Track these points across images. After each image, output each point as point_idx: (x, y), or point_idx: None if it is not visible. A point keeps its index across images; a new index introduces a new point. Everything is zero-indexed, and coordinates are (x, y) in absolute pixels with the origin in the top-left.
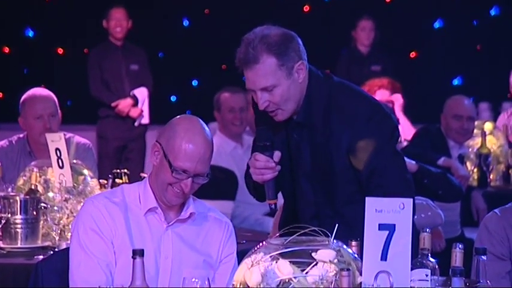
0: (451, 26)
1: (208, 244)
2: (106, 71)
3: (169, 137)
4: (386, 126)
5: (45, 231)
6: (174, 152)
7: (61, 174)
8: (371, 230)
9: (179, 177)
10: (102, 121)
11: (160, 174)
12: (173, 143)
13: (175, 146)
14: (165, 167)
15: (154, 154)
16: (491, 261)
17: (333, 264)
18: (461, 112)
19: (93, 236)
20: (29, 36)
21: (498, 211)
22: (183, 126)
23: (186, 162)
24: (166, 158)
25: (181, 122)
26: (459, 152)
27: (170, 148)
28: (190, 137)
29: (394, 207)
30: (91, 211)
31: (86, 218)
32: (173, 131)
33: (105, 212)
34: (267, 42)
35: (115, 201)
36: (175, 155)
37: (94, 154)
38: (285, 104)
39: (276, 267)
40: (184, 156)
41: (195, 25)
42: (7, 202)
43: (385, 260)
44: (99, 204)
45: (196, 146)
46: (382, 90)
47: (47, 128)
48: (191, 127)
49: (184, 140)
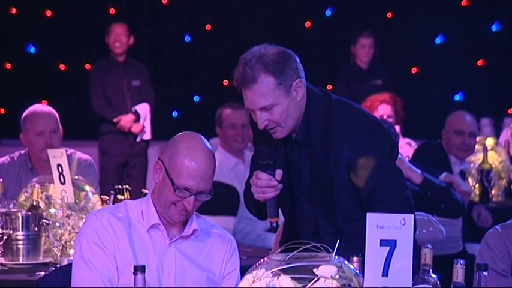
0: (453, 41)
1: (211, 260)
2: (108, 87)
3: (172, 155)
4: (385, 143)
5: (47, 247)
6: (177, 170)
7: (63, 190)
8: (372, 246)
9: (182, 195)
10: (104, 137)
11: (163, 192)
12: (176, 160)
13: (178, 164)
14: (168, 185)
15: (156, 172)
16: (492, 277)
17: (335, 280)
18: (463, 128)
19: (96, 250)
20: (30, 52)
21: (499, 227)
22: (185, 144)
23: (189, 181)
24: (168, 176)
25: (184, 139)
26: (461, 168)
27: (173, 166)
28: (193, 155)
29: (395, 223)
30: (94, 225)
31: (89, 232)
32: (176, 148)
33: (109, 226)
34: (264, 61)
35: (118, 217)
36: (177, 173)
37: (95, 170)
38: (284, 122)
39: (277, 283)
40: (187, 174)
41: (197, 41)
42: (9, 218)
43: (387, 276)
44: (102, 218)
45: (198, 163)
46: (383, 105)
47: (48, 144)
48: (193, 144)
49: (186, 157)
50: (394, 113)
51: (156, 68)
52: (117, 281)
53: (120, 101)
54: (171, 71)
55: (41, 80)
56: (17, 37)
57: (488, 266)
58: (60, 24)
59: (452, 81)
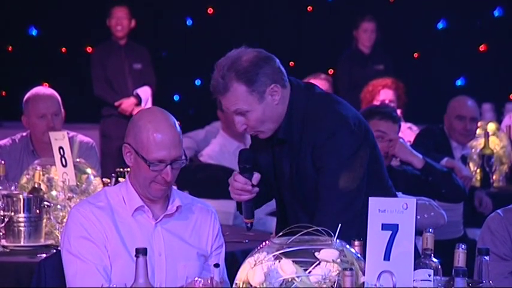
0: (454, 26)
1: (199, 235)
2: (109, 70)
3: (135, 134)
4: (349, 143)
5: (48, 229)
6: (145, 146)
7: (64, 172)
8: (374, 230)
9: (158, 168)
10: (105, 120)
11: (139, 172)
12: (141, 138)
13: (144, 140)
14: (141, 164)
15: (127, 156)
16: (493, 261)
17: (336, 263)
18: (464, 113)
19: (85, 243)
20: (32, 35)
21: (501, 212)
22: (144, 119)
23: (160, 152)
24: (139, 155)
25: (142, 116)
26: (462, 153)
27: (140, 144)
28: (155, 127)
29: (398, 207)
30: (79, 219)
31: (75, 227)
32: (137, 127)
33: (93, 218)
34: (236, 69)
35: (100, 206)
36: (146, 149)
37: (97, 153)
38: (261, 126)
39: (279, 266)
40: (156, 146)
41: (198, 24)
42: (10, 200)
43: (388, 260)
44: (85, 211)
45: (163, 133)
46: (385, 90)
47: (50, 127)
48: (153, 117)
49: (150, 131)
50: (396, 97)
51: (158, 51)
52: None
53: (121, 84)
54: (172, 54)
55: (42, 63)
56: (18, 20)
57: (490, 250)
58: (61, 7)
59: (454, 66)
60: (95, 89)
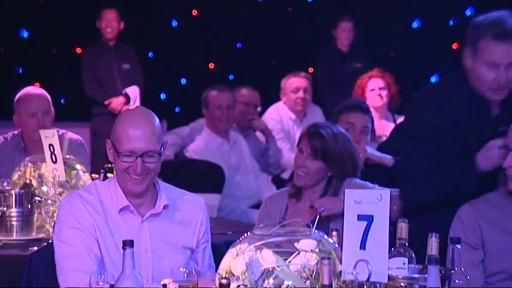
0: (428, 25)
1: (185, 230)
2: (99, 70)
3: (114, 130)
4: None
5: (40, 223)
6: (118, 138)
7: (54, 169)
8: (350, 221)
9: (128, 160)
10: (95, 118)
11: (116, 166)
12: (116, 131)
13: (118, 133)
14: (116, 157)
15: (109, 152)
16: (465, 250)
17: (314, 253)
18: None
19: (76, 232)
20: (23, 36)
21: (471, 204)
22: (122, 116)
23: (130, 144)
24: (115, 148)
25: (123, 113)
26: None
27: (115, 137)
28: (129, 121)
29: (372, 199)
30: (70, 210)
31: (66, 217)
32: (116, 123)
33: (84, 209)
34: None
35: (90, 199)
36: (119, 141)
37: (86, 149)
38: None
39: (260, 256)
40: (127, 138)
41: (183, 26)
42: (3, 196)
43: (364, 249)
44: (76, 202)
45: (135, 126)
46: (373, 79)
47: (40, 125)
48: (129, 113)
49: (123, 125)
50: (385, 85)
51: (145, 52)
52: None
53: (111, 84)
54: (159, 55)
55: (33, 64)
56: (10, 22)
57: (461, 240)
58: (51, 10)
59: (428, 64)
60: (85, 89)
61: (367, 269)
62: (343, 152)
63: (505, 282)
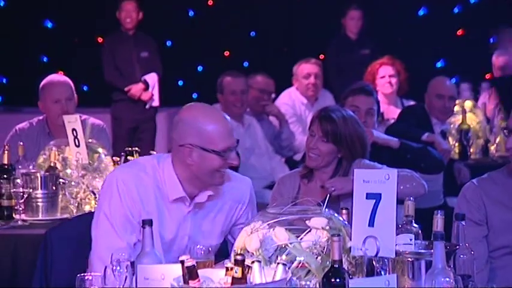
0: (434, 13)
1: (227, 216)
2: (119, 58)
3: (199, 133)
4: None
5: (64, 204)
6: (213, 140)
7: (77, 152)
8: (359, 199)
9: (227, 155)
10: (116, 104)
11: (204, 165)
12: (206, 134)
13: (210, 134)
14: (210, 157)
15: (188, 157)
16: (469, 227)
17: (325, 230)
18: (443, 92)
19: (123, 217)
20: (47, 27)
21: (475, 181)
22: (200, 117)
23: (227, 140)
24: (207, 150)
25: (195, 115)
26: (441, 128)
27: (207, 140)
28: (213, 119)
29: (380, 178)
30: (123, 192)
31: (118, 198)
32: (197, 126)
33: (136, 196)
34: None
35: (145, 181)
36: (215, 141)
37: (108, 134)
38: None
39: (273, 234)
40: (222, 136)
41: (200, 16)
42: (29, 178)
43: (372, 226)
44: (131, 186)
45: (222, 122)
46: (383, 67)
47: (64, 111)
48: (205, 112)
49: (211, 125)
50: (395, 72)
51: (163, 41)
52: None
53: (130, 71)
54: (176, 43)
55: (57, 53)
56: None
57: (466, 216)
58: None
59: (434, 50)
60: (106, 76)
61: (375, 245)
62: (352, 134)
63: (508, 256)
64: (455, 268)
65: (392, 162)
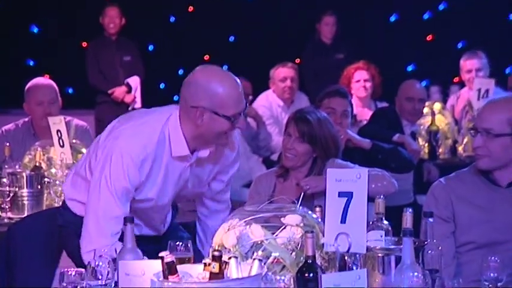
0: (405, 19)
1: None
2: (102, 62)
3: (211, 97)
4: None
5: (49, 202)
6: (224, 105)
7: (62, 152)
8: (332, 197)
9: (237, 120)
10: (99, 106)
11: (213, 127)
12: (218, 98)
13: (222, 99)
14: (219, 121)
15: (198, 118)
16: (437, 223)
17: (299, 227)
18: (413, 95)
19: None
20: (33, 32)
21: (443, 180)
22: (214, 81)
23: (238, 106)
24: (218, 114)
25: (209, 78)
26: (411, 129)
27: (218, 104)
28: (226, 84)
29: (352, 177)
30: (128, 167)
31: (122, 173)
32: (210, 89)
33: (140, 166)
34: None
35: (150, 148)
36: (226, 106)
37: (91, 135)
38: None
39: (249, 231)
40: (234, 102)
41: (180, 21)
42: (15, 178)
43: (344, 223)
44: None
45: (234, 87)
46: (358, 71)
47: (46, 113)
48: (219, 76)
49: (225, 91)
50: (370, 77)
51: (145, 45)
52: None
53: (113, 75)
54: (158, 48)
55: (43, 56)
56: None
57: (434, 213)
58: (59, 7)
59: (405, 54)
60: (90, 79)
61: (347, 241)
62: (327, 135)
63: (474, 251)
64: (424, 263)
65: (365, 162)
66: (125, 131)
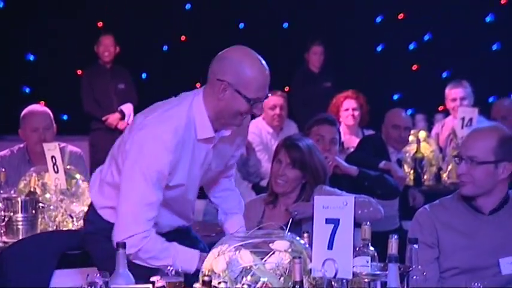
0: (391, 49)
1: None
2: (97, 90)
3: (238, 74)
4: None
5: (43, 227)
6: (249, 86)
7: (56, 178)
8: (319, 224)
9: (256, 105)
10: (94, 133)
11: (232, 105)
12: (244, 78)
13: (249, 80)
14: (239, 100)
15: (221, 92)
16: (422, 249)
17: (287, 253)
18: (399, 123)
19: (161, 176)
20: (30, 60)
21: (428, 207)
22: (245, 61)
23: (261, 91)
24: (240, 93)
25: (241, 58)
26: (397, 157)
27: (243, 83)
28: (257, 68)
29: (339, 204)
30: (160, 149)
31: (161, 162)
32: (239, 68)
33: (171, 150)
34: None
35: (179, 132)
36: (249, 88)
37: (85, 161)
38: None
39: (239, 256)
40: (258, 87)
41: (173, 50)
42: (10, 202)
43: (331, 249)
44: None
45: (263, 73)
46: (347, 100)
47: (41, 139)
48: (252, 59)
49: (254, 73)
50: (358, 106)
51: (139, 73)
52: None
53: (107, 102)
54: (151, 76)
55: (39, 84)
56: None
57: (419, 239)
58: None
59: (392, 83)
60: (84, 106)
61: (334, 266)
62: (316, 161)
63: (457, 276)
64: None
65: (352, 189)
66: (153, 120)
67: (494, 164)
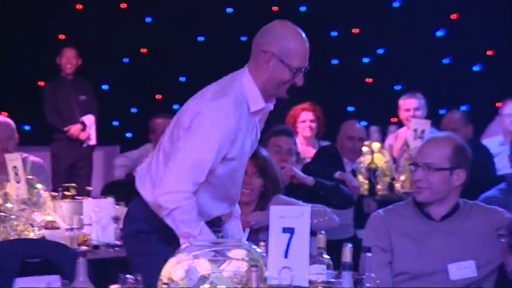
0: (345, 62)
1: None
2: (59, 101)
3: (281, 45)
4: None
5: (4, 236)
6: (291, 55)
7: (18, 188)
8: (275, 233)
9: (297, 74)
10: (55, 143)
11: (276, 75)
12: (287, 49)
13: (291, 51)
14: (282, 69)
15: (265, 62)
16: (375, 253)
17: (244, 261)
18: (354, 134)
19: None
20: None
21: (381, 211)
22: (288, 33)
23: (303, 61)
24: (284, 63)
25: (284, 30)
26: (352, 167)
27: (286, 54)
28: (298, 40)
29: (295, 214)
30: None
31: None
32: (283, 39)
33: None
34: None
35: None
36: (292, 58)
37: (46, 171)
38: None
39: (197, 264)
40: (300, 56)
41: (134, 62)
42: None
43: (287, 258)
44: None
45: (304, 45)
46: (305, 112)
47: (3, 149)
48: (293, 31)
49: (295, 43)
50: (315, 117)
51: (100, 85)
52: None
53: (69, 113)
54: (112, 87)
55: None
56: None
57: (373, 244)
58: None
59: (347, 96)
60: (47, 117)
61: (289, 274)
62: (276, 170)
63: (408, 282)
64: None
65: (308, 198)
66: (213, 94)
67: (450, 171)
